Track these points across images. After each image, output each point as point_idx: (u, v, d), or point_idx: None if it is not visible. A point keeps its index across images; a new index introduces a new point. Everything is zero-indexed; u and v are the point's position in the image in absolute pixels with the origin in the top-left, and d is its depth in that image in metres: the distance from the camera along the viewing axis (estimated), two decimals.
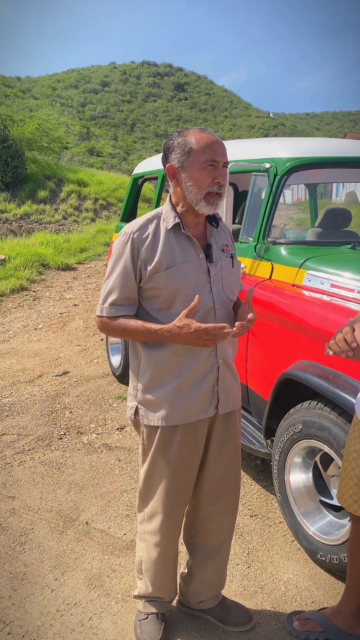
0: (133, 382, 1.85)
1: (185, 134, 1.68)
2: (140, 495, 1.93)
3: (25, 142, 18.39)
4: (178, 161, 1.67)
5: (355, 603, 1.97)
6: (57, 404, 4.30)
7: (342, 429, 2.15)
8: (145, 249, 1.68)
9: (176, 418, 1.76)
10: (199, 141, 1.65)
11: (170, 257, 1.69)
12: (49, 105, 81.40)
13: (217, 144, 1.67)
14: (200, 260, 1.74)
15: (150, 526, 1.91)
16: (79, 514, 2.83)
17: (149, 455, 1.83)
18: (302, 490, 2.51)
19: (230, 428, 1.90)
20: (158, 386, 1.76)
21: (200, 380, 1.76)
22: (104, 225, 15.57)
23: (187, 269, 1.70)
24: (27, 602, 2.22)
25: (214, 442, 1.87)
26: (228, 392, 1.84)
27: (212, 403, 1.80)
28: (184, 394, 1.75)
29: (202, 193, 1.67)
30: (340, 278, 2.48)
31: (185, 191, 1.69)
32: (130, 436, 3.74)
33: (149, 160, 4.88)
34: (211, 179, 1.66)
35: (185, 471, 1.83)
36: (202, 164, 1.64)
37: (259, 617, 2.13)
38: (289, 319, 2.54)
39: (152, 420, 1.78)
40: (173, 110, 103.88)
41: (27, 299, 8.15)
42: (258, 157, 3.12)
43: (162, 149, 1.76)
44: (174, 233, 1.72)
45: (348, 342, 1.52)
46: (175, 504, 1.85)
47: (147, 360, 1.77)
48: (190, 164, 1.65)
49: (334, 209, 3.44)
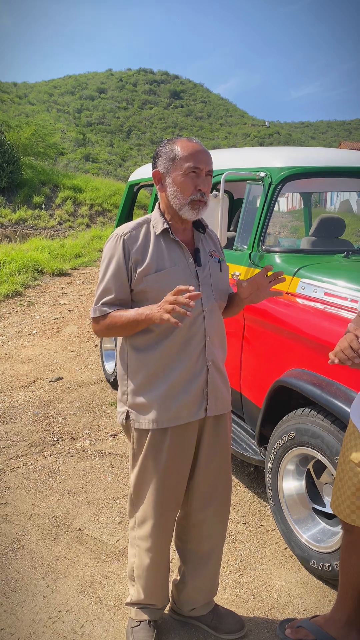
0: (122, 387, 1.86)
1: (173, 142, 1.74)
2: (131, 500, 1.93)
3: (21, 148, 18.42)
4: (163, 167, 1.73)
5: (347, 611, 1.97)
6: (50, 410, 4.29)
7: (335, 437, 2.16)
8: (135, 251, 1.72)
9: (166, 420, 1.77)
10: (184, 149, 1.70)
11: (160, 261, 1.73)
12: (45, 111, 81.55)
13: (201, 152, 1.72)
14: (189, 264, 1.78)
15: (141, 532, 1.91)
16: (72, 521, 2.82)
17: (139, 460, 1.84)
18: (295, 497, 2.51)
19: (220, 433, 1.91)
20: (148, 389, 1.78)
21: (189, 382, 1.78)
22: (99, 232, 15.58)
23: (176, 273, 1.74)
24: (19, 609, 2.21)
25: (203, 447, 1.88)
26: (217, 395, 1.85)
27: (201, 406, 1.81)
28: (174, 397, 1.76)
29: (186, 198, 1.71)
30: (334, 286, 2.50)
31: (169, 196, 1.74)
32: (123, 443, 3.74)
33: (145, 167, 4.90)
34: (193, 185, 1.70)
35: (176, 475, 1.84)
36: (185, 170, 1.69)
37: (251, 625, 2.13)
38: (283, 326, 2.56)
39: (142, 423, 1.79)
40: (169, 117, 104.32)
41: (21, 304, 8.14)
42: (253, 166, 3.14)
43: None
44: (163, 238, 1.76)
45: (354, 349, 1.53)
46: (166, 508, 1.86)
47: (136, 364, 1.79)
48: (173, 169, 1.71)
49: (328, 218, 3.47)
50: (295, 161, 3.05)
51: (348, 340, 1.56)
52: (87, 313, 7.56)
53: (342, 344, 1.57)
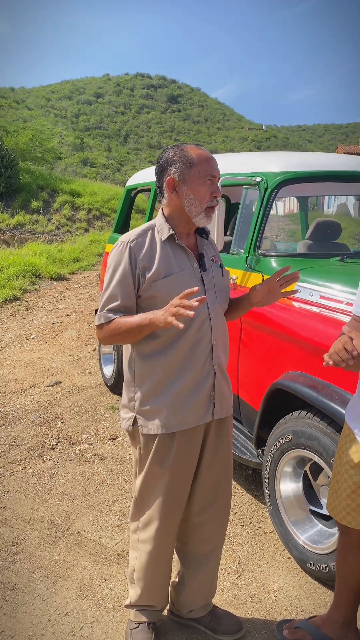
0: (129, 394, 1.87)
1: (184, 149, 1.75)
2: (135, 504, 1.94)
3: (19, 153, 18.45)
4: (179, 174, 1.73)
5: (343, 612, 1.98)
6: (49, 414, 4.30)
7: (331, 439, 2.19)
8: (142, 258, 1.73)
9: (175, 425, 1.79)
10: (199, 157, 1.73)
11: (168, 266, 1.75)
12: (42, 116, 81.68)
13: (214, 160, 1.76)
14: (195, 269, 1.80)
15: (144, 534, 1.92)
16: (71, 524, 2.84)
17: (145, 464, 1.85)
18: (292, 499, 2.53)
19: (223, 435, 1.94)
20: (156, 395, 1.79)
21: (197, 386, 1.80)
22: (97, 236, 15.60)
23: (183, 278, 1.76)
24: (19, 612, 2.23)
25: (206, 449, 1.90)
26: (222, 398, 1.88)
27: (209, 409, 1.84)
28: (182, 401, 1.78)
29: (202, 206, 1.75)
30: (329, 290, 2.52)
31: (185, 203, 1.75)
32: (122, 446, 3.75)
33: (143, 172, 4.93)
34: (210, 193, 1.74)
35: (181, 479, 1.86)
36: (203, 178, 1.73)
37: (249, 626, 2.15)
38: (280, 329, 2.58)
39: (151, 429, 1.80)
40: (166, 121, 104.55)
41: (19, 309, 8.15)
42: (249, 170, 3.17)
43: (157, 162, 1.81)
44: (169, 244, 1.78)
45: (349, 350, 1.55)
46: (171, 511, 1.88)
47: (144, 370, 1.81)
48: (191, 178, 1.72)
49: (324, 222, 3.49)
50: (290, 166, 3.08)
51: (342, 342, 1.58)
52: (86, 317, 7.58)
53: (337, 346, 1.59)
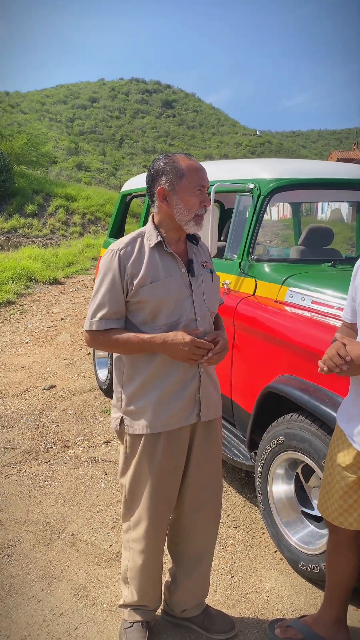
0: (117, 394, 1.93)
1: (174, 159, 1.80)
2: (125, 504, 1.99)
3: (14, 157, 18.48)
4: (170, 184, 1.78)
5: (334, 611, 2.02)
6: (43, 418, 4.32)
7: (323, 441, 2.23)
8: (131, 265, 1.79)
9: (160, 425, 1.84)
10: (188, 167, 1.78)
11: (155, 273, 1.80)
12: (37, 120, 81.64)
13: (203, 170, 1.82)
14: (183, 275, 1.86)
15: (135, 534, 1.96)
16: (66, 526, 2.86)
17: (132, 464, 1.90)
18: (284, 501, 2.57)
19: (211, 437, 1.98)
20: (142, 395, 1.85)
21: (182, 388, 1.85)
22: (92, 240, 15.63)
23: (170, 284, 1.81)
24: (14, 612, 2.25)
25: (195, 450, 1.95)
26: (209, 400, 1.92)
27: (194, 411, 1.89)
28: (167, 402, 1.83)
29: (191, 215, 1.80)
30: (321, 295, 2.57)
31: (175, 212, 1.81)
32: (116, 450, 3.78)
33: (138, 177, 4.98)
34: (199, 202, 1.80)
35: (169, 478, 1.90)
36: (193, 188, 1.78)
37: (242, 625, 2.18)
38: (272, 334, 2.63)
39: (136, 429, 1.86)
40: (161, 126, 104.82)
41: (14, 312, 8.16)
42: (242, 177, 3.23)
43: (148, 172, 1.86)
44: (157, 250, 1.84)
45: (342, 356, 1.60)
46: (160, 510, 1.92)
47: (131, 371, 1.87)
48: (181, 188, 1.78)
49: (317, 228, 3.55)
50: (283, 173, 3.13)
51: (335, 348, 1.63)
52: (80, 321, 7.60)
53: (330, 352, 1.64)
